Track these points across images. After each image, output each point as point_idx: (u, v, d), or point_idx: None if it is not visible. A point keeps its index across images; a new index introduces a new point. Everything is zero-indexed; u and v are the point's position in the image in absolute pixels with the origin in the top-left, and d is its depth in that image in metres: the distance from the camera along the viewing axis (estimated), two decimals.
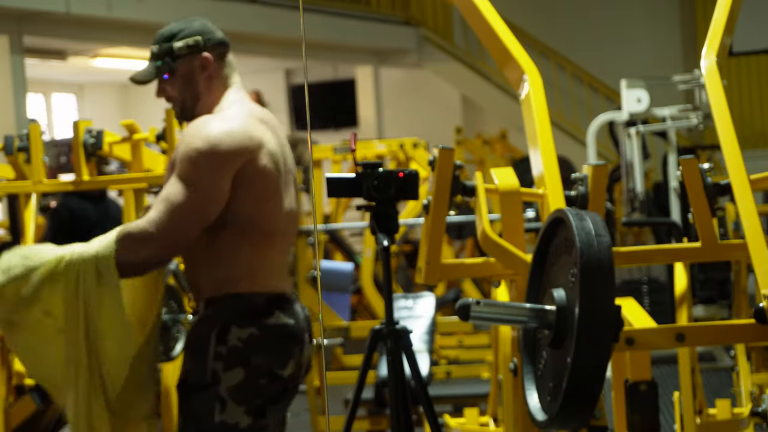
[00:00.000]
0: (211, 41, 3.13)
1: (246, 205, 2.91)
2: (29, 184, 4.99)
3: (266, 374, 2.89)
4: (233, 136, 2.90)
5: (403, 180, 3.30)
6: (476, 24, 3.27)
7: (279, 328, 2.91)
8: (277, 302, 2.94)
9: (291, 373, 2.94)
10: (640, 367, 2.61)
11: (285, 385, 2.94)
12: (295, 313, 2.97)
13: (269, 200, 2.95)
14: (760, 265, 2.49)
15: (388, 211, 3.32)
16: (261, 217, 2.94)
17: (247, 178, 2.90)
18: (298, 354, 2.95)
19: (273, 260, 2.96)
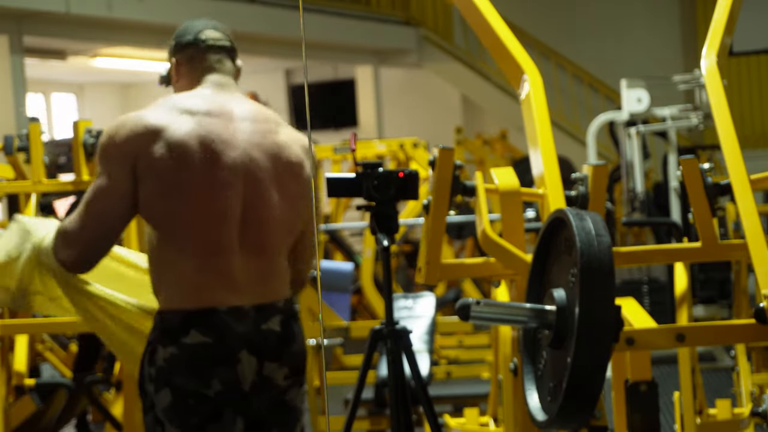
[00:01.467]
0: (180, 44, 3.03)
1: (151, 204, 2.78)
2: (29, 184, 5.00)
3: (191, 394, 2.77)
4: (124, 126, 2.80)
5: (403, 180, 3.30)
6: (476, 24, 3.27)
7: (195, 348, 2.76)
8: (194, 319, 2.77)
9: (220, 391, 2.77)
10: (640, 367, 2.61)
11: (216, 403, 2.78)
12: (220, 329, 2.77)
13: (177, 199, 2.77)
14: (760, 265, 2.49)
15: (388, 211, 3.32)
16: (161, 219, 2.79)
17: (146, 173, 2.77)
18: (224, 372, 2.78)
19: (195, 270, 2.78)
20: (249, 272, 2.82)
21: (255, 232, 2.82)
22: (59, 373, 6.59)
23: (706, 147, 10.67)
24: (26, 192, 5.14)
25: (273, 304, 2.85)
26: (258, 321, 2.81)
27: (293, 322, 2.89)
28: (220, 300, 2.78)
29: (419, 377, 3.36)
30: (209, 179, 2.78)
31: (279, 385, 2.86)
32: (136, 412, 4.45)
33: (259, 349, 2.81)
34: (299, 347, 2.89)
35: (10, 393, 4.94)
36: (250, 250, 2.82)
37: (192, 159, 2.77)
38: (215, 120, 2.85)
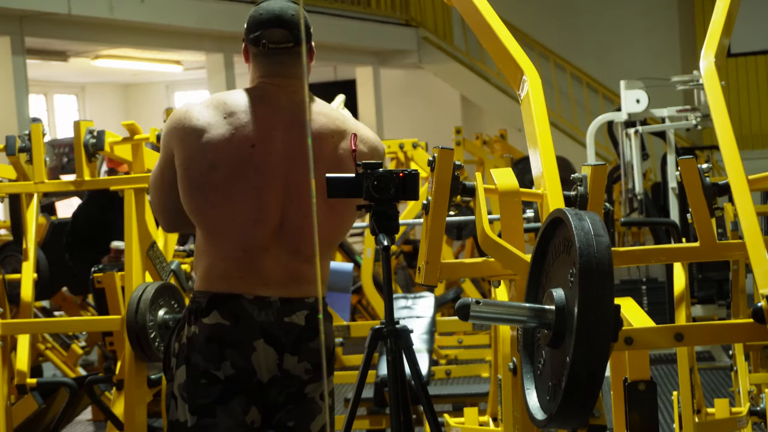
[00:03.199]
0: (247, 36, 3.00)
1: (184, 195, 2.87)
2: (31, 185, 5.01)
3: (203, 374, 2.84)
4: (171, 119, 2.90)
5: (403, 180, 3.30)
6: (475, 25, 3.28)
7: (212, 328, 2.84)
8: (218, 302, 2.85)
9: (230, 375, 2.83)
10: (638, 367, 2.61)
11: (226, 387, 2.83)
12: (239, 315, 2.84)
13: (203, 197, 2.85)
14: (758, 264, 2.50)
15: (388, 211, 3.33)
16: (198, 214, 2.87)
17: (180, 168, 2.87)
18: (237, 357, 2.83)
19: (225, 257, 2.85)
20: (282, 268, 2.87)
21: (292, 236, 2.87)
22: (61, 372, 6.61)
23: (704, 147, 10.69)
24: (28, 192, 5.15)
25: (302, 300, 2.90)
26: (282, 313, 2.86)
27: (320, 320, 2.92)
28: (247, 288, 2.86)
29: (419, 377, 3.37)
30: (239, 188, 2.83)
31: (300, 378, 2.89)
32: (137, 412, 4.47)
33: (278, 340, 2.86)
34: (323, 344, 2.93)
35: (12, 392, 4.95)
36: (285, 249, 2.87)
37: (221, 166, 2.83)
38: (258, 126, 2.87)
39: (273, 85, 2.95)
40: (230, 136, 2.84)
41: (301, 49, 2.96)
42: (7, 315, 5.03)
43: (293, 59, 2.96)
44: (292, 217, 2.87)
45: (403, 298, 6.05)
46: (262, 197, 2.85)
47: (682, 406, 3.70)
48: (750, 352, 4.87)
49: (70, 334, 6.94)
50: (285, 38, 2.94)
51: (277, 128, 2.89)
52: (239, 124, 2.86)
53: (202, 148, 2.84)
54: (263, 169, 2.85)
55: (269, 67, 2.95)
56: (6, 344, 4.82)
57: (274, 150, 2.87)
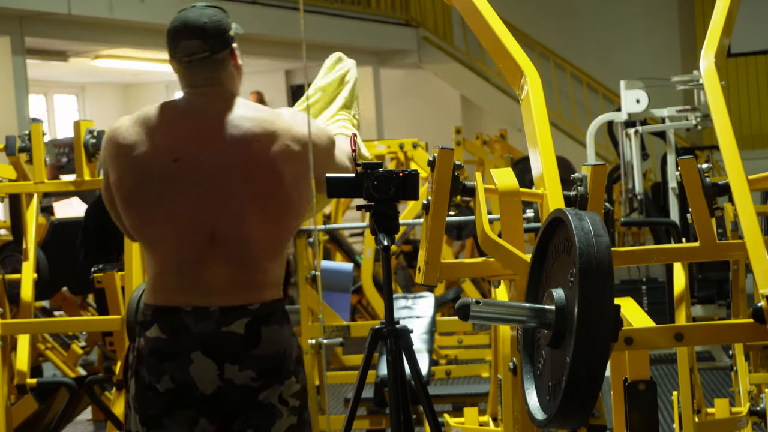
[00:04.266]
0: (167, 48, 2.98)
1: (121, 213, 2.92)
2: (31, 185, 5.01)
3: (149, 387, 2.86)
4: (104, 141, 2.95)
5: (403, 180, 3.30)
6: (476, 25, 3.28)
7: (153, 342, 2.85)
8: (159, 315, 2.86)
9: (170, 388, 2.83)
10: (638, 367, 2.61)
11: (167, 399, 2.84)
12: (176, 327, 2.84)
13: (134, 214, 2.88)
14: (758, 264, 2.50)
15: (388, 211, 3.33)
16: (134, 222, 2.90)
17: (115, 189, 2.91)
18: (175, 370, 2.83)
19: (163, 270, 2.86)
20: (220, 277, 2.84)
21: (227, 245, 2.85)
22: (61, 372, 6.61)
23: (704, 147, 10.69)
24: (28, 192, 5.16)
25: (243, 307, 2.85)
26: (221, 323, 2.84)
27: (264, 326, 2.86)
28: (186, 300, 2.85)
29: (419, 377, 3.37)
30: (169, 202, 2.84)
31: (247, 387, 2.85)
32: None
33: (216, 351, 2.84)
34: (267, 350, 2.86)
35: (12, 392, 4.95)
36: (222, 260, 2.85)
37: (150, 182, 2.84)
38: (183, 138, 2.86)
39: (196, 95, 2.92)
40: (154, 152, 2.85)
41: (220, 56, 2.93)
42: (7, 315, 5.03)
43: (212, 67, 2.92)
44: (225, 227, 2.84)
45: (403, 298, 6.05)
46: (190, 210, 2.84)
47: (682, 406, 3.70)
48: (750, 352, 4.87)
49: (70, 334, 6.94)
50: (199, 48, 2.91)
51: (201, 139, 2.86)
52: (162, 139, 2.85)
53: (129, 166, 2.86)
54: (189, 181, 2.84)
55: (189, 79, 2.93)
56: (6, 344, 4.82)
57: (199, 161, 2.84)
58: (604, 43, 15.33)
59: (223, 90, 2.94)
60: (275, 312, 2.90)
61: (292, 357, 2.92)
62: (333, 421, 6.14)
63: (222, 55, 2.94)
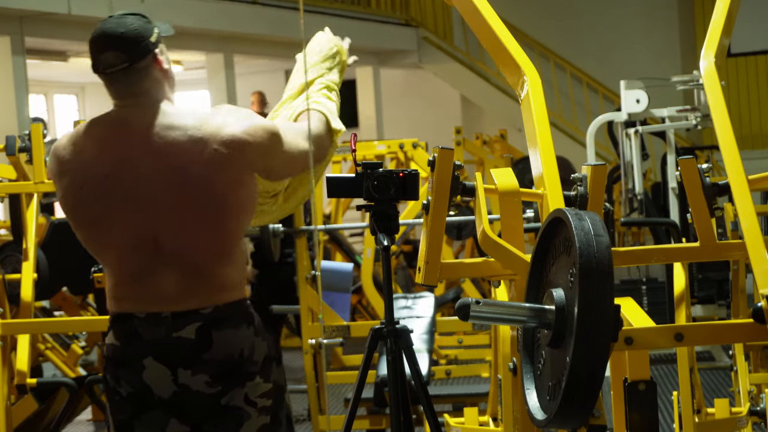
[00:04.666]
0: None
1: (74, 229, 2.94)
2: (31, 185, 5.01)
3: (115, 392, 2.90)
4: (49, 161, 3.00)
5: (403, 180, 3.31)
6: (476, 25, 3.28)
7: (110, 349, 2.91)
8: (115, 322, 2.89)
9: (130, 393, 2.87)
10: (638, 367, 2.61)
11: (132, 404, 2.87)
12: (129, 334, 2.86)
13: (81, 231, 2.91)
14: (758, 264, 2.50)
15: (388, 211, 3.33)
16: (82, 238, 2.93)
17: (59, 203, 2.95)
18: (130, 376, 2.85)
19: (116, 281, 2.89)
20: (171, 284, 2.84)
21: (173, 254, 2.84)
22: (61, 372, 6.61)
23: (704, 147, 10.69)
24: (28, 192, 5.16)
25: (195, 312, 2.84)
26: (172, 328, 2.84)
27: (216, 330, 2.84)
28: (139, 307, 2.86)
29: (419, 376, 3.37)
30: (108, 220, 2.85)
31: (202, 392, 2.85)
32: None
33: (168, 357, 2.84)
34: (219, 354, 2.84)
35: (12, 392, 4.95)
36: (171, 269, 2.84)
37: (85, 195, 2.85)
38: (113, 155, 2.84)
39: (122, 108, 2.90)
40: (87, 169, 2.85)
41: (141, 64, 2.87)
42: (7, 315, 5.03)
43: (135, 78, 2.87)
44: (167, 237, 2.83)
45: (403, 298, 6.05)
46: (131, 224, 2.84)
47: (682, 406, 3.70)
48: (750, 352, 4.87)
49: (70, 334, 6.94)
50: (118, 60, 2.85)
51: (131, 152, 2.84)
52: (93, 156, 2.85)
53: (68, 186, 2.88)
54: (124, 196, 2.84)
55: (113, 91, 2.90)
56: (6, 344, 4.82)
57: (131, 175, 2.83)
58: (604, 43, 15.33)
59: (149, 100, 2.88)
60: (231, 315, 2.87)
61: (252, 358, 2.88)
62: (333, 421, 6.14)
63: (143, 64, 2.87)
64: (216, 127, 2.84)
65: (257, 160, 2.88)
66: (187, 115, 2.86)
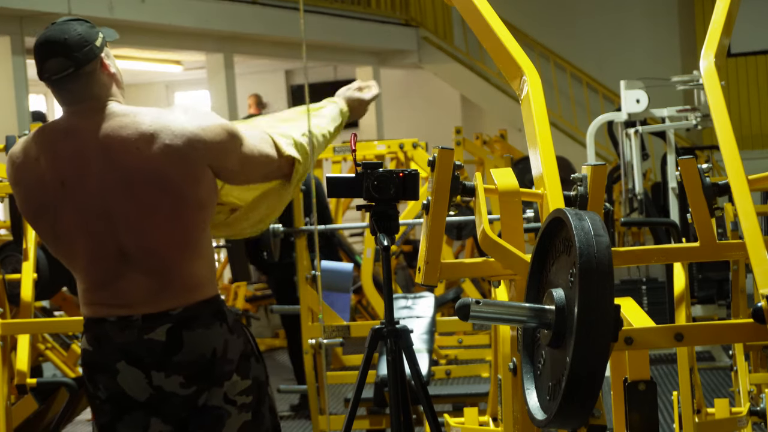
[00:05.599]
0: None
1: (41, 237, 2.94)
2: None
3: (94, 396, 2.91)
4: (5, 168, 2.95)
5: (403, 180, 3.31)
6: (475, 25, 3.28)
7: (83, 354, 2.92)
8: (88, 327, 2.90)
9: (108, 396, 2.87)
10: (638, 367, 2.62)
11: (111, 407, 2.87)
12: (100, 338, 2.86)
13: (38, 229, 2.89)
14: (758, 264, 2.50)
15: (388, 211, 3.33)
16: (49, 246, 2.92)
17: (17, 206, 2.93)
18: (105, 380, 2.85)
19: (86, 286, 2.88)
20: (139, 287, 2.83)
21: (138, 257, 2.82)
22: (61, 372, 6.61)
23: (704, 147, 10.69)
24: None
25: (166, 313, 2.83)
26: (143, 331, 2.83)
27: (187, 330, 2.83)
28: (110, 310, 2.85)
29: (419, 376, 3.37)
30: (67, 228, 2.83)
31: (178, 394, 2.84)
32: None
33: (140, 359, 2.83)
34: (191, 355, 2.82)
35: (12, 392, 4.95)
36: (138, 271, 2.83)
37: (43, 206, 2.84)
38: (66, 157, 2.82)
39: (71, 114, 2.87)
40: (41, 180, 2.82)
41: (86, 69, 2.86)
42: (7, 315, 5.03)
43: (81, 83, 2.85)
44: (130, 240, 2.81)
45: (403, 298, 6.05)
46: (92, 230, 2.81)
47: (682, 406, 3.71)
48: (750, 352, 4.87)
49: (70, 334, 6.94)
50: (62, 66, 2.83)
51: (83, 158, 2.82)
52: (47, 166, 2.82)
53: (26, 197, 2.86)
54: (81, 203, 2.81)
55: (61, 98, 2.88)
56: (6, 344, 4.82)
57: (87, 181, 2.81)
58: (605, 43, 15.33)
59: (97, 104, 2.87)
60: (202, 314, 2.85)
61: (227, 356, 2.87)
62: (333, 421, 6.14)
63: (89, 68, 2.86)
64: (167, 121, 2.82)
65: (210, 155, 2.83)
66: (138, 113, 2.85)
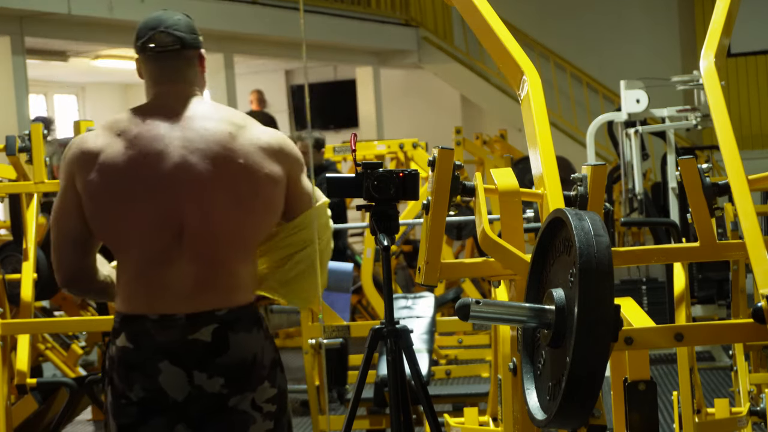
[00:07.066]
0: (135, 47, 3.01)
1: (90, 219, 2.88)
2: (31, 185, 5.02)
3: (122, 395, 2.85)
4: (69, 149, 2.93)
5: (403, 180, 3.31)
6: (476, 25, 3.28)
7: (121, 352, 2.85)
8: (126, 324, 2.85)
9: (142, 398, 2.83)
10: (638, 367, 2.62)
11: (141, 409, 2.83)
12: (142, 337, 2.83)
13: (108, 217, 2.86)
14: (758, 264, 2.50)
15: (388, 211, 3.33)
16: (103, 233, 2.89)
17: (83, 193, 2.87)
18: (144, 380, 2.82)
19: (130, 276, 2.85)
20: (187, 279, 2.82)
21: (195, 242, 2.82)
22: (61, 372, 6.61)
23: (704, 147, 10.69)
24: (28, 192, 5.16)
25: (210, 313, 2.83)
26: (187, 331, 2.82)
27: (232, 332, 2.84)
28: (152, 308, 2.83)
29: (419, 376, 3.37)
30: (138, 198, 2.82)
31: (218, 395, 2.84)
32: None
33: (183, 359, 2.82)
34: (235, 358, 2.84)
35: (12, 392, 4.96)
36: (190, 259, 2.82)
37: (119, 180, 2.83)
38: (150, 137, 2.85)
39: (164, 93, 2.94)
40: (124, 150, 2.84)
41: (189, 53, 2.95)
42: (7, 315, 5.03)
43: (182, 63, 2.95)
44: (194, 222, 2.82)
45: (403, 298, 6.05)
46: (160, 203, 2.82)
47: (682, 406, 3.71)
48: (750, 352, 4.87)
49: (70, 334, 6.94)
50: (170, 41, 2.93)
51: (170, 135, 2.86)
52: (131, 137, 2.85)
53: (101, 167, 2.84)
54: (159, 176, 2.83)
55: (159, 73, 2.94)
56: (6, 344, 4.82)
57: (168, 157, 2.83)
58: (605, 43, 15.33)
59: (189, 90, 2.95)
60: (244, 317, 2.87)
61: (263, 362, 2.89)
62: (333, 421, 6.14)
63: (190, 54, 2.96)
64: (257, 128, 2.91)
65: (290, 165, 2.93)
66: (227, 111, 2.94)
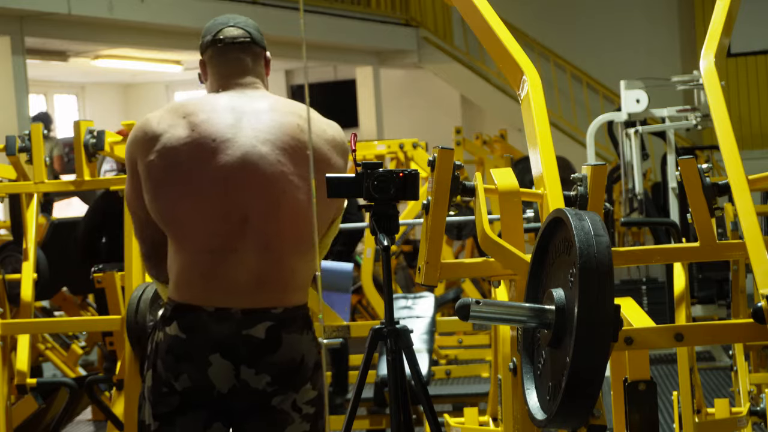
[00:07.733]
0: (203, 44, 3.04)
1: (150, 204, 2.85)
2: (31, 185, 5.02)
3: (165, 383, 2.83)
4: (133, 131, 2.91)
5: (403, 180, 3.30)
6: (476, 25, 3.28)
7: (171, 340, 2.82)
8: (180, 313, 2.82)
9: (187, 388, 2.80)
10: (638, 367, 2.62)
11: (184, 399, 2.81)
12: (196, 328, 2.81)
13: (170, 201, 2.82)
14: (758, 264, 2.50)
15: (388, 211, 3.33)
16: (161, 217, 2.85)
17: (143, 176, 2.85)
18: (193, 371, 2.80)
19: (188, 263, 2.82)
20: (248, 272, 2.81)
21: (259, 233, 2.82)
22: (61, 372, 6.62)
23: (704, 147, 10.69)
24: (28, 192, 5.16)
25: (266, 311, 2.83)
26: (242, 326, 2.81)
27: (285, 332, 2.84)
28: (208, 300, 2.81)
29: (419, 377, 3.37)
30: (201, 183, 2.80)
31: (262, 392, 2.83)
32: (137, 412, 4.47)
33: (235, 354, 2.81)
34: (285, 357, 2.83)
35: (12, 392, 4.96)
36: (252, 251, 2.82)
37: (183, 163, 2.81)
38: (219, 122, 2.85)
39: (232, 85, 2.99)
40: (190, 133, 2.83)
41: (257, 49, 3.06)
42: (7, 315, 5.03)
43: (251, 57, 3.04)
44: (258, 212, 2.81)
45: (403, 298, 6.05)
46: (225, 189, 2.80)
47: (682, 406, 3.71)
48: (750, 352, 4.88)
49: (70, 334, 6.95)
50: (241, 34, 3.02)
51: (239, 124, 2.87)
52: (198, 121, 2.84)
53: (163, 148, 2.82)
54: (226, 164, 2.81)
55: (227, 65, 3.00)
56: (6, 344, 4.82)
57: (238, 146, 2.83)
58: (605, 43, 15.33)
59: (256, 82, 3.04)
60: (298, 318, 2.88)
61: (309, 364, 2.90)
62: (333, 421, 6.14)
63: (258, 50, 3.07)
64: (321, 120, 2.99)
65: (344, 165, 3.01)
66: (294, 104, 3.01)
